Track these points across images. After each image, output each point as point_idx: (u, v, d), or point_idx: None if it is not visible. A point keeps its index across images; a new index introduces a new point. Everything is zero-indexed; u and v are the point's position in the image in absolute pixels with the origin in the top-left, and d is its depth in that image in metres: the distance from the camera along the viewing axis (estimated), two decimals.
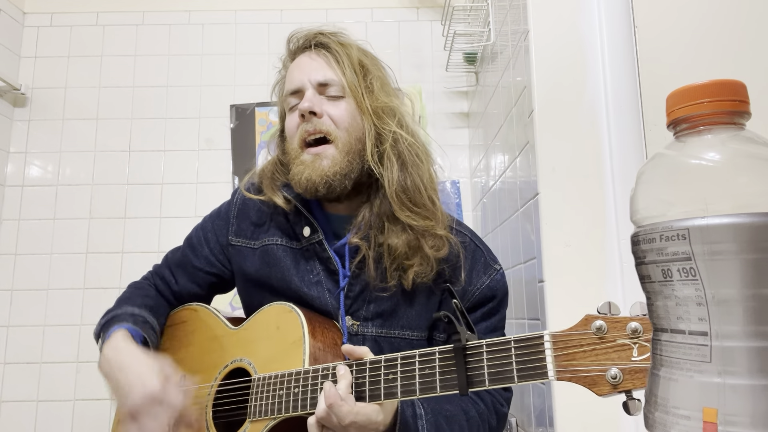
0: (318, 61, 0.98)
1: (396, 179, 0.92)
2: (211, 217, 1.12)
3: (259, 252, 1.02)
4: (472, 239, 1.01)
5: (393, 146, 0.94)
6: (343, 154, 0.93)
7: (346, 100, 0.95)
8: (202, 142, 2.06)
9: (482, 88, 1.85)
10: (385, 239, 0.92)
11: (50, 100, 2.06)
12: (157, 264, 1.16)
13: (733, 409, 0.33)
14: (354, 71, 0.96)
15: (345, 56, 0.97)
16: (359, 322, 0.95)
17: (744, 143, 0.36)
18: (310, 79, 0.96)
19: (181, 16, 2.13)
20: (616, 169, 1.10)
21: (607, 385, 0.61)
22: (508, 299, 1.01)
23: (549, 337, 0.65)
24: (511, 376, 0.67)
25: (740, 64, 0.97)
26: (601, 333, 0.62)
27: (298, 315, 0.90)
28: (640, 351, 0.60)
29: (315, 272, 0.97)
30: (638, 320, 0.60)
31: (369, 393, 0.78)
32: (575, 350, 0.63)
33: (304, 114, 0.94)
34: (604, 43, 1.15)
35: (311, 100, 0.94)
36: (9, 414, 1.87)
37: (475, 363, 0.70)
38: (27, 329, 1.92)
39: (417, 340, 0.96)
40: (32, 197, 2.01)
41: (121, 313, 0.99)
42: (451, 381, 0.71)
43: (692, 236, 0.35)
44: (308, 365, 0.85)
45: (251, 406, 0.90)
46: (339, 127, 0.94)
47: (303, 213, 0.99)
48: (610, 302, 0.64)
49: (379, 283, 0.93)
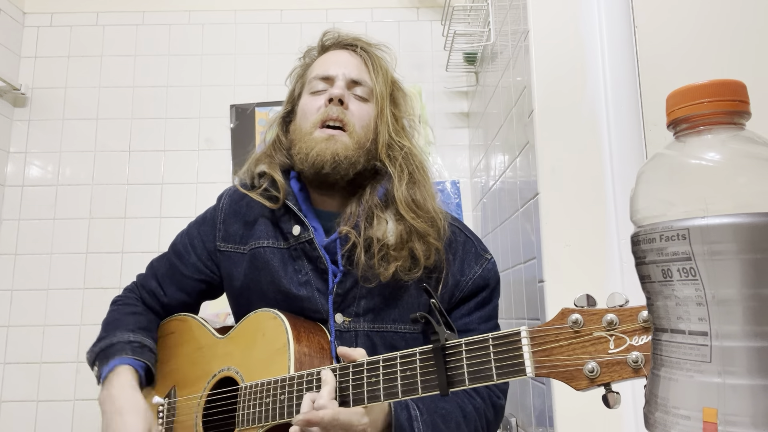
0: (356, 60, 1.03)
1: (401, 189, 0.95)
2: (197, 224, 1.11)
3: (248, 256, 1.02)
4: (462, 230, 1.02)
5: (405, 158, 0.98)
6: (355, 146, 0.96)
7: (370, 104, 1.00)
8: (202, 142, 2.06)
9: (482, 88, 1.85)
10: (374, 230, 0.93)
11: (50, 100, 2.06)
12: (141, 274, 1.14)
13: (733, 409, 0.33)
14: (385, 82, 1.02)
15: (380, 67, 1.03)
16: (351, 319, 0.95)
17: (744, 143, 0.36)
18: (345, 72, 1.00)
19: (181, 16, 2.13)
20: (616, 169, 1.10)
21: (584, 380, 0.59)
22: (500, 288, 1.02)
23: (526, 333, 0.64)
24: (490, 375, 0.66)
25: (740, 64, 0.97)
26: (577, 326, 0.61)
27: (283, 321, 0.90)
28: (616, 343, 0.58)
29: (303, 272, 0.97)
30: (614, 311, 0.59)
31: (353, 397, 0.78)
32: (552, 345, 0.62)
33: (333, 99, 0.97)
34: (604, 43, 1.15)
35: (343, 89, 0.98)
36: (9, 414, 1.87)
37: (454, 363, 0.69)
38: (27, 329, 1.92)
39: (410, 334, 0.96)
40: (32, 197, 2.01)
41: (117, 342, 0.98)
42: (432, 381, 0.71)
43: (692, 236, 0.35)
44: (294, 371, 0.85)
45: (239, 415, 0.90)
46: (358, 124, 0.97)
47: (293, 210, 0.99)
48: (587, 294, 0.62)
49: (368, 272, 0.94)
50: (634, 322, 0.58)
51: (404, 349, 0.75)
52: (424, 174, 1.00)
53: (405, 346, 0.95)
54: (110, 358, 0.95)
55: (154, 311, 1.09)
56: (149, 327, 1.04)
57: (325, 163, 0.94)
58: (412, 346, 0.74)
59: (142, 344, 0.99)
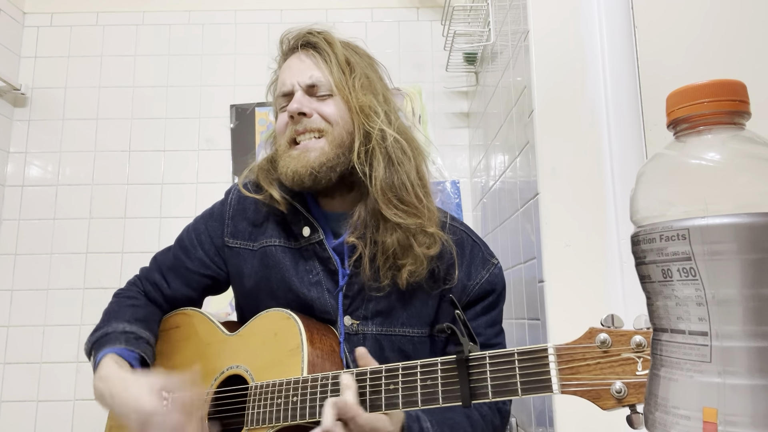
0: (306, 62, 0.99)
1: (381, 177, 0.92)
2: (204, 218, 1.10)
3: (258, 253, 1.01)
4: (469, 235, 1.02)
5: (380, 144, 0.94)
6: (333, 146, 0.94)
7: (334, 99, 0.97)
8: (202, 142, 2.06)
9: (482, 88, 1.85)
10: (380, 238, 0.92)
11: (50, 100, 2.06)
12: (144, 267, 1.13)
13: (733, 409, 0.33)
14: (341, 69, 0.97)
15: (332, 55, 0.98)
16: (359, 321, 0.94)
17: (744, 143, 0.36)
18: (299, 81, 0.98)
19: (181, 16, 2.13)
20: (616, 169, 1.10)
21: (611, 399, 0.60)
22: (506, 293, 1.01)
23: (553, 350, 0.65)
24: (515, 389, 0.66)
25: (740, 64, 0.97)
26: (605, 347, 0.61)
27: (296, 322, 0.89)
28: (644, 365, 0.59)
29: (314, 272, 0.97)
30: (642, 334, 0.60)
31: (370, 404, 0.77)
32: (579, 364, 0.63)
33: (293, 115, 0.95)
34: (604, 43, 1.15)
35: (300, 101, 0.95)
36: (9, 414, 1.87)
37: (478, 375, 0.69)
38: (27, 329, 1.92)
39: (418, 337, 0.95)
40: (32, 197, 2.00)
41: (112, 332, 0.96)
42: (454, 393, 0.71)
43: (692, 236, 0.35)
44: (307, 373, 0.84)
45: (248, 414, 0.89)
46: (331, 123, 0.95)
47: (302, 212, 0.98)
48: (613, 315, 0.63)
49: (373, 282, 0.93)
50: None
51: (412, 352, 0.75)
52: (404, 152, 0.95)
53: (413, 349, 0.94)
54: (103, 347, 0.94)
55: (156, 304, 1.08)
56: (148, 319, 1.02)
57: (304, 178, 0.93)
58: (419, 350, 0.74)
59: (138, 335, 0.97)
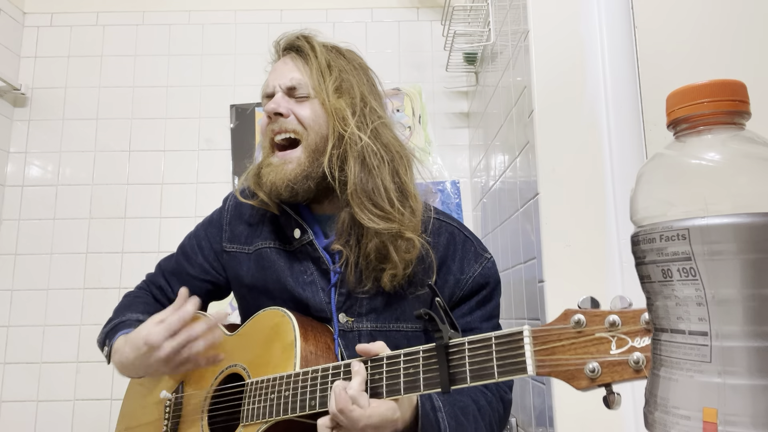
0: (289, 65, 1.01)
1: (354, 181, 0.92)
2: (204, 225, 1.13)
3: (253, 256, 1.04)
4: (461, 230, 1.02)
5: (352, 147, 0.93)
6: (308, 153, 0.95)
7: (311, 101, 0.97)
8: (202, 142, 2.06)
9: (482, 88, 1.85)
10: (363, 241, 0.93)
11: (50, 100, 2.06)
12: (150, 273, 1.17)
13: (733, 409, 0.33)
14: (320, 72, 0.98)
15: (313, 58, 0.99)
16: (354, 318, 0.96)
17: (744, 143, 0.36)
18: (280, 83, 0.99)
19: (181, 16, 2.13)
20: (616, 169, 1.10)
21: (585, 379, 0.60)
22: (500, 288, 1.02)
23: (528, 332, 0.65)
24: (491, 372, 0.67)
25: (740, 64, 0.97)
26: (579, 327, 0.61)
27: (291, 319, 0.91)
28: (618, 344, 0.59)
29: (309, 272, 0.99)
30: (617, 313, 0.60)
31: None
32: (554, 344, 0.63)
33: (270, 115, 0.97)
34: (604, 43, 1.15)
35: (278, 102, 0.96)
36: (9, 414, 1.87)
37: (457, 361, 0.70)
38: (27, 329, 1.92)
39: (412, 332, 0.97)
40: (32, 197, 2.01)
41: (126, 320, 1.01)
42: (434, 379, 0.71)
43: (692, 236, 0.35)
44: (299, 368, 0.86)
45: (244, 410, 0.91)
46: (305, 126, 0.96)
47: (291, 215, 1.01)
48: (591, 297, 0.63)
49: (358, 285, 0.94)
50: (637, 324, 0.58)
51: (406, 347, 0.75)
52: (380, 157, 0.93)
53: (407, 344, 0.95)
54: (117, 333, 0.99)
55: (163, 306, 1.10)
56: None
57: (280, 190, 0.95)
58: (414, 345, 0.75)
59: None
